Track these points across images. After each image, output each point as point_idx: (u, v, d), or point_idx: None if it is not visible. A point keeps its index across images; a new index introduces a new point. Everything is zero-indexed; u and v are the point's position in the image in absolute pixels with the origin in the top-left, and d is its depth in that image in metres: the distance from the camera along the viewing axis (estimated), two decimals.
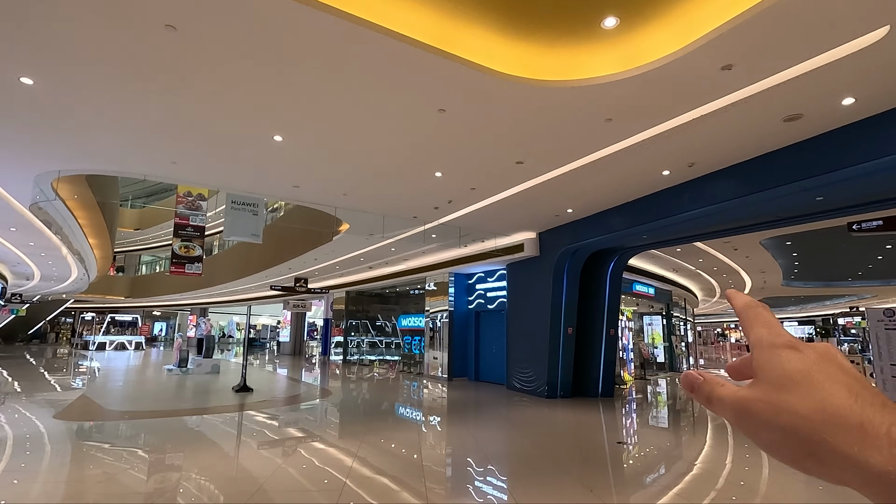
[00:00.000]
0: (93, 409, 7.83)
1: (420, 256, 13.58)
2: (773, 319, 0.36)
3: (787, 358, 0.33)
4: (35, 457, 4.93)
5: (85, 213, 10.02)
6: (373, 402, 9.74)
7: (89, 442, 5.87)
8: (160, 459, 5.18)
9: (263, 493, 4.12)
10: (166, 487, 4.27)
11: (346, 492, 4.19)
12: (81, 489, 4.10)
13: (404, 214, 8.98)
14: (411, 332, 17.08)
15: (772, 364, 0.33)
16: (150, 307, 39.16)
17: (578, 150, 5.82)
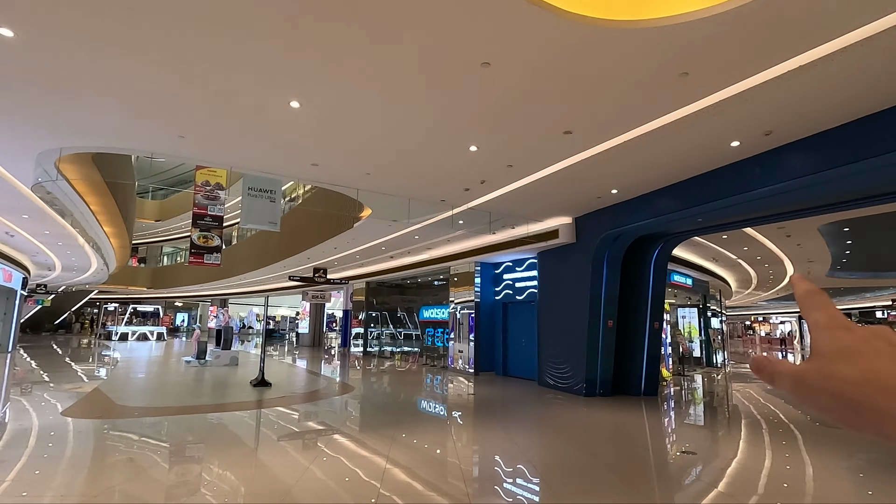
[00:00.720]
0: (104, 405, 7.38)
1: (444, 245, 12.89)
2: (831, 305, 0.41)
3: (839, 336, 0.38)
4: (30, 464, 4.42)
5: (96, 198, 9.57)
6: (397, 398, 9.15)
7: (93, 444, 5.36)
8: (172, 462, 4.63)
9: (293, 501, 3.52)
10: (183, 491, 3.70)
11: (381, 499, 3.56)
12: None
13: (432, 197, 8.28)
14: (433, 323, 16.48)
15: (825, 341, 0.38)
16: (171, 298, 39.43)
17: (641, 115, 5.02)
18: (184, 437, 5.76)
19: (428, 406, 8.48)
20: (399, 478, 4.35)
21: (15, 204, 9.29)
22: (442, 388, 10.74)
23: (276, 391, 9.18)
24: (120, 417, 6.55)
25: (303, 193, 17.56)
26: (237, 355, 14.37)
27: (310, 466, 4.63)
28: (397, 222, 10.29)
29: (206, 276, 26.42)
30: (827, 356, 0.38)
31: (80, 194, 8.83)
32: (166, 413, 6.99)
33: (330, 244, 13.38)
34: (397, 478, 4.34)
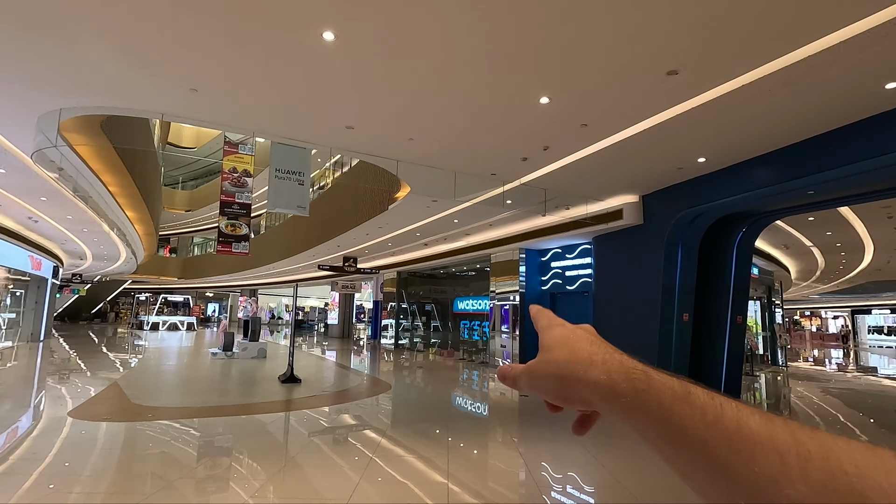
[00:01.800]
0: (116, 404, 6.62)
1: (485, 230, 11.77)
2: (553, 315, 0.50)
3: (556, 331, 0.47)
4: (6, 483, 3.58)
5: (113, 177, 8.84)
6: (440, 399, 8.16)
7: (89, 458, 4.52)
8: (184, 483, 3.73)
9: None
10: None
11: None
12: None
13: (481, 170, 7.18)
14: (469, 315, 15.45)
15: (547, 337, 0.47)
16: (202, 288, 39.64)
17: (777, 43, 3.79)
18: (202, 447, 4.88)
19: (476, 408, 7.45)
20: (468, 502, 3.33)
21: (31, 184, 8.65)
22: (486, 388, 9.69)
23: (307, 389, 8.31)
24: (131, 419, 5.74)
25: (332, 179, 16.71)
26: (265, 347, 13.67)
27: (359, 482, 3.66)
28: (437, 202, 9.24)
29: (235, 266, 26.06)
30: (547, 348, 0.46)
31: (94, 172, 8.09)
32: (184, 415, 6.16)
33: (361, 230, 12.45)
34: (466, 502, 3.31)
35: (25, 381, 8.73)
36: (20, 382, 8.62)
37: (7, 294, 15.53)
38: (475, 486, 3.91)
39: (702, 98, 4.64)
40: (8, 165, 7.47)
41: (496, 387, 9.64)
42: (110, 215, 11.33)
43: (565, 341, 0.45)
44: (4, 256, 12.52)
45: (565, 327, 0.48)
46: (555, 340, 0.46)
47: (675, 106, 4.85)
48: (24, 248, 13.76)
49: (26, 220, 11.78)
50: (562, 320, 0.49)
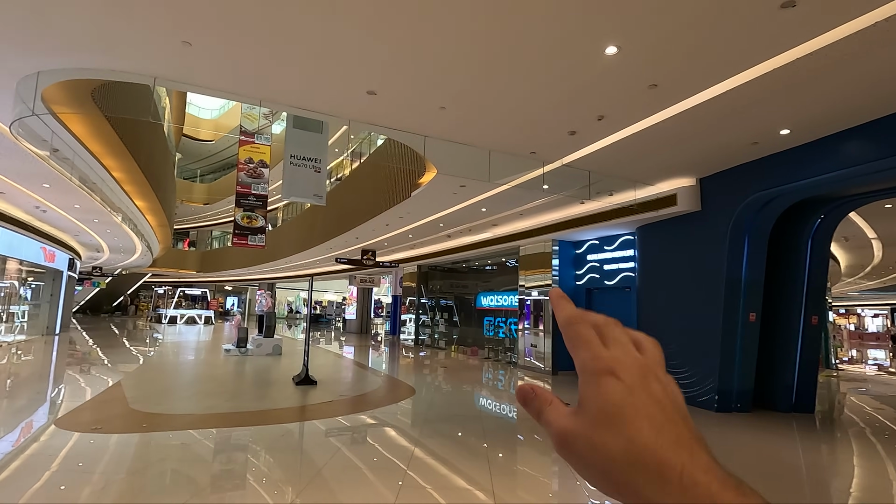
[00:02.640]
0: (112, 410, 5.94)
1: (514, 220, 10.86)
2: (593, 336, 0.34)
3: (606, 389, 0.32)
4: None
5: (115, 161, 8.18)
6: (470, 404, 7.32)
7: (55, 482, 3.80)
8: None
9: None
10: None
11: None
12: None
13: (521, 148, 6.28)
14: (494, 311, 14.58)
15: (591, 394, 0.32)
16: (221, 282, 39.54)
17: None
18: (196, 469, 4.12)
19: (510, 414, 6.59)
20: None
21: (29, 169, 8.05)
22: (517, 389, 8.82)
23: (323, 392, 7.56)
24: (123, 430, 5.04)
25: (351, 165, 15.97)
26: (280, 343, 13.03)
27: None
28: (465, 188, 8.37)
29: (252, 259, 25.64)
30: (593, 417, 0.31)
31: (93, 154, 7.43)
32: (184, 425, 5.43)
33: (381, 220, 11.65)
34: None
35: (25, 381, 8.18)
36: (19, 382, 8.07)
37: (22, 286, 15.19)
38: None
39: (814, 44, 3.66)
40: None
41: None
42: (118, 204, 10.74)
43: (620, 415, 0.30)
44: (14, 248, 12.08)
45: (621, 381, 0.31)
46: (602, 409, 0.31)
47: (776, 56, 3.87)
48: (36, 239, 13.33)
49: (34, 210, 11.28)
50: (612, 359, 0.33)
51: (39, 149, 6.48)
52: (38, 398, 6.74)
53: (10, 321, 14.42)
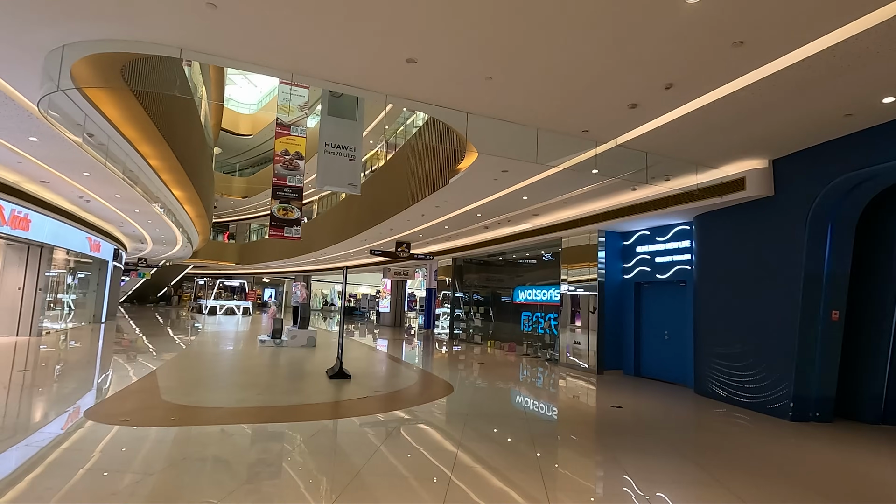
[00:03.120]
0: (144, 401, 5.77)
1: (557, 209, 10.22)
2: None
3: None
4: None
5: (151, 148, 8.08)
6: (513, 405, 6.83)
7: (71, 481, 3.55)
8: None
9: None
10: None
11: None
12: None
13: (573, 125, 5.70)
14: (532, 306, 13.98)
15: None
16: (259, 274, 40.36)
17: None
18: (222, 468, 3.82)
19: (562, 419, 6.06)
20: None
21: (68, 156, 8.03)
22: (565, 392, 8.24)
23: (358, 387, 7.23)
24: (151, 423, 4.81)
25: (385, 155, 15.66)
26: (315, 335, 12.88)
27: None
28: (508, 173, 7.83)
29: (287, 252, 25.87)
30: None
31: (128, 140, 7.31)
32: (213, 419, 5.18)
33: (416, 210, 11.26)
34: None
35: (66, 369, 8.22)
36: (61, 369, 8.11)
37: (70, 275, 15.65)
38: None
39: None
40: (37, 132, 6.79)
41: (574, 389, 8.17)
42: (156, 192, 10.76)
43: None
44: (61, 237, 12.36)
45: None
46: None
47: None
48: (82, 229, 13.63)
49: (78, 200, 11.46)
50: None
51: (74, 133, 6.37)
52: (76, 386, 6.69)
53: (59, 309, 14.88)
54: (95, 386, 6.74)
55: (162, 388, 6.40)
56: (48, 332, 12.83)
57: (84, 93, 5.43)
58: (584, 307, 10.42)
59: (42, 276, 11.97)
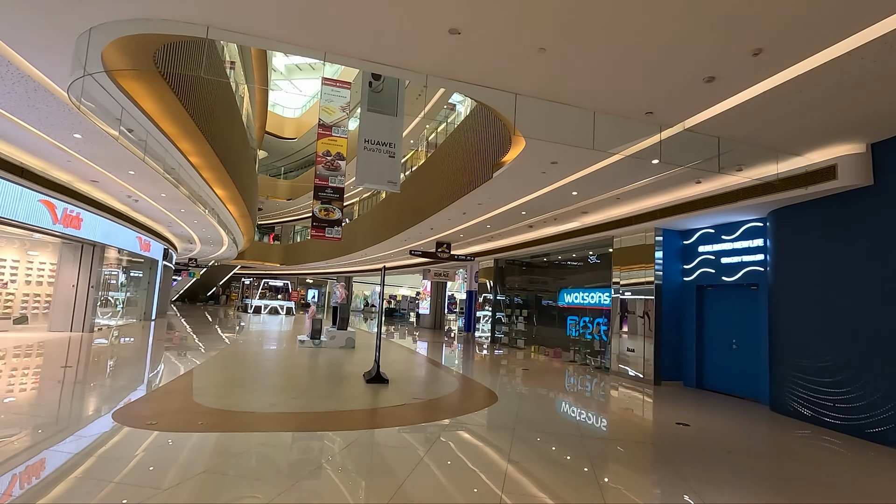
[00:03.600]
0: (175, 402, 5.56)
1: (608, 206, 9.49)
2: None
3: None
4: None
5: (190, 145, 8.00)
6: (562, 418, 6.21)
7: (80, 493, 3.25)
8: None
9: None
10: None
11: None
12: None
13: (635, 107, 5.06)
14: (578, 310, 13.21)
15: None
16: (303, 275, 41.11)
17: None
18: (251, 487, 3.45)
19: (622, 436, 5.40)
20: None
21: (112, 153, 8.08)
22: (620, 404, 7.52)
23: (395, 393, 6.81)
24: (177, 428, 4.55)
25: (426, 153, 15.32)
26: (354, 336, 12.64)
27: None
28: (557, 165, 7.22)
29: (329, 252, 26.06)
30: None
31: (167, 134, 7.23)
32: (242, 425, 4.88)
33: (458, 208, 10.78)
34: None
35: (105, 366, 8.26)
36: (100, 366, 8.15)
37: (123, 274, 16.19)
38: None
39: None
40: (80, 128, 6.79)
41: (630, 401, 7.43)
42: (197, 190, 10.80)
43: None
44: (112, 236, 12.71)
45: None
46: None
47: None
48: (132, 228, 14.01)
49: (127, 199, 11.71)
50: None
51: (111, 126, 6.29)
52: (112, 384, 6.62)
53: (111, 306, 15.39)
54: (133, 384, 6.65)
55: (195, 389, 6.21)
56: (100, 329, 13.22)
57: (116, 81, 5.28)
58: (638, 312, 9.61)
59: (94, 274, 12.31)
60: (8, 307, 12.87)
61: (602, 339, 11.62)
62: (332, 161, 16.39)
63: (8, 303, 12.88)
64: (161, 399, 5.67)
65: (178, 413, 5.07)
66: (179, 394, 5.94)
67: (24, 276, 13.21)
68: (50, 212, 9.51)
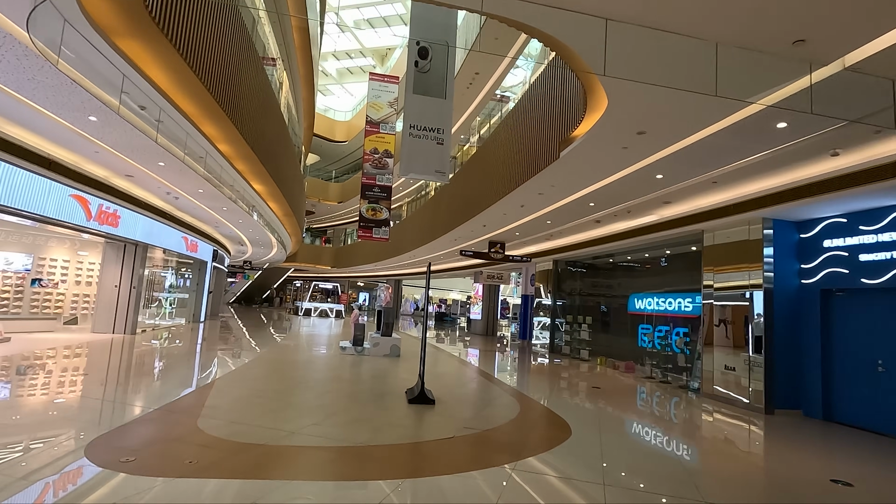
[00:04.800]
0: (172, 429, 4.58)
1: (698, 193, 7.80)
2: None
3: None
4: None
5: (215, 129, 7.16)
6: (666, 462, 4.69)
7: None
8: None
9: None
10: None
11: None
12: None
13: (779, 33, 3.54)
14: (654, 318, 11.45)
15: None
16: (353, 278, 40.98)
17: None
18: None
19: (758, 493, 3.85)
20: None
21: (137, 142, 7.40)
22: (730, 442, 5.82)
23: (443, 418, 5.56)
24: (152, 471, 3.49)
25: (478, 139, 14.05)
26: (399, 344, 11.53)
27: None
28: (645, 135, 5.70)
29: (378, 255, 25.35)
30: None
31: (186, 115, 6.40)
32: (242, 469, 3.77)
33: (515, 199, 9.41)
34: None
35: (127, 374, 7.57)
36: (120, 374, 7.46)
37: (172, 274, 16.03)
38: None
39: None
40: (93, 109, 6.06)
41: (741, 438, 5.73)
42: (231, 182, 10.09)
43: None
44: (154, 235, 12.35)
45: None
46: None
47: None
48: (177, 228, 13.67)
49: (166, 196, 11.22)
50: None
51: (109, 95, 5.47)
52: (118, 398, 5.80)
53: (161, 308, 15.20)
54: (142, 399, 5.81)
55: (206, 408, 5.23)
56: (143, 331, 12.91)
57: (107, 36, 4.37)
58: (738, 321, 7.82)
59: (137, 274, 11.96)
60: (58, 307, 12.83)
61: (686, 352, 9.83)
62: (380, 159, 15.34)
63: (58, 303, 12.84)
64: (160, 421, 4.71)
65: (169, 444, 4.06)
66: (185, 414, 4.97)
67: (73, 276, 13.16)
68: (83, 207, 9.07)
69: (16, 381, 6.14)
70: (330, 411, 5.65)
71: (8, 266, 11.88)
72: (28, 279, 12.18)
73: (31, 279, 12.25)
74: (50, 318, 12.12)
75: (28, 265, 12.19)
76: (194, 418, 4.78)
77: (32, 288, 12.21)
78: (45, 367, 7.40)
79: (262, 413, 5.32)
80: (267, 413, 5.33)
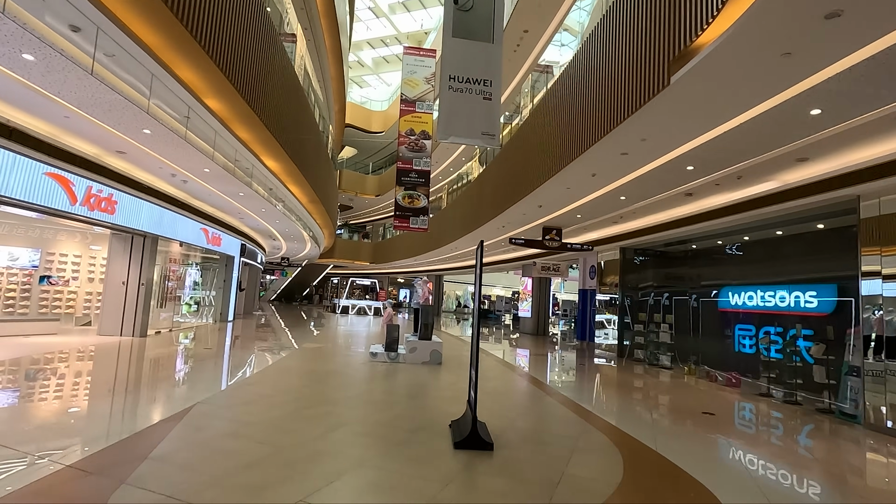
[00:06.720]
0: (101, 481, 2.81)
1: (855, 143, 5.41)
2: None
3: None
4: None
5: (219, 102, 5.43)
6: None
7: None
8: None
9: None
10: None
11: None
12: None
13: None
14: (759, 316, 9.04)
15: None
16: (393, 273, 39.59)
17: None
18: None
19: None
20: None
21: (105, 97, 5.81)
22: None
23: (510, 483, 3.55)
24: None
25: (530, 110, 11.88)
26: (440, 348, 9.58)
27: None
28: (791, 57, 3.44)
29: (417, 247, 23.60)
30: None
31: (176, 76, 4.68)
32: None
33: (587, 164, 7.26)
34: None
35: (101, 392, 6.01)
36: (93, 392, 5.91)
37: (195, 270, 14.80)
38: None
39: None
40: (25, 43, 4.44)
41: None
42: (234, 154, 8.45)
43: None
44: (163, 225, 10.95)
45: None
46: None
47: None
48: (193, 218, 12.30)
49: (172, 178, 9.73)
50: None
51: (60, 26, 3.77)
52: (64, 431, 4.15)
53: (186, 306, 13.99)
54: (93, 430, 4.14)
55: (150, 460, 3.45)
56: (158, 332, 11.62)
57: None
58: None
59: (146, 269, 10.63)
60: (70, 307, 11.75)
61: (806, 360, 7.35)
62: (416, 141, 13.04)
63: (70, 302, 11.75)
64: (69, 483, 2.95)
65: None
66: (136, 449, 3.20)
67: (86, 272, 12.05)
68: (65, 189, 7.64)
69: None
70: (334, 462, 3.75)
71: (13, 262, 10.83)
72: (35, 276, 11.12)
73: (39, 276, 11.19)
74: (55, 320, 11.00)
75: (35, 261, 11.13)
76: (116, 482, 2.99)
77: (41, 286, 11.15)
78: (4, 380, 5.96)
79: (235, 470, 3.47)
80: (241, 470, 3.48)
